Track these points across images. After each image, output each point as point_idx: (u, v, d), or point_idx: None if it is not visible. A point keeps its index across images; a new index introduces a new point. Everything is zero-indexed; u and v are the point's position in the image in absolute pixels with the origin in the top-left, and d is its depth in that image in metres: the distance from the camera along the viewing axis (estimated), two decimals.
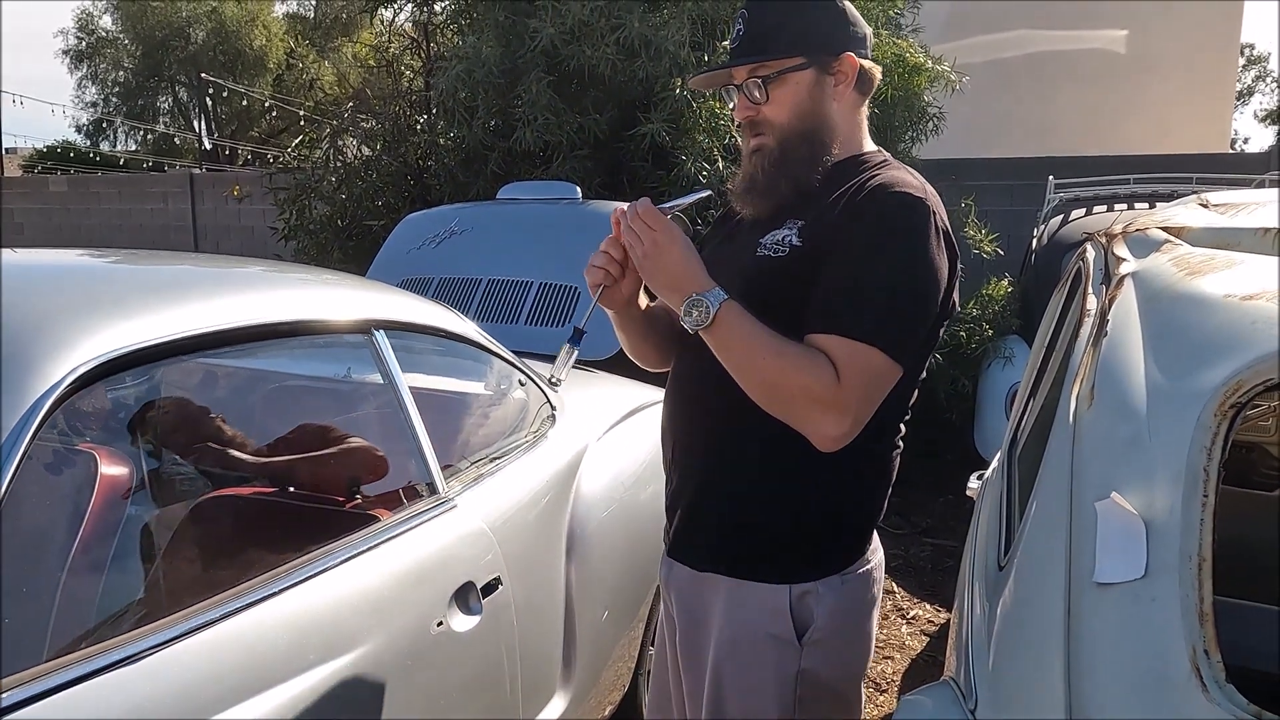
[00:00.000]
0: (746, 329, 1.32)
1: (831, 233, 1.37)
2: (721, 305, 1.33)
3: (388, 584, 1.57)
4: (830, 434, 1.31)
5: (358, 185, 5.57)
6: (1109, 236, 1.72)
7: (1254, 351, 1.01)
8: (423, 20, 6.02)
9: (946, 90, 5.17)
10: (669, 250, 1.37)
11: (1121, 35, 11.54)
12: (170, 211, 12.95)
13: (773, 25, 1.45)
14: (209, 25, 28.01)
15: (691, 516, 1.52)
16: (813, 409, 1.30)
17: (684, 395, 1.54)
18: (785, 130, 1.45)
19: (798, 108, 1.44)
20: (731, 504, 1.46)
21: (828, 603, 1.43)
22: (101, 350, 1.26)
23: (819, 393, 1.29)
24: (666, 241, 1.37)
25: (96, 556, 1.33)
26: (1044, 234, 5.22)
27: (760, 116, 1.46)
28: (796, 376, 1.29)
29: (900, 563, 4.20)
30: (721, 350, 1.35)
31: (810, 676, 1.43)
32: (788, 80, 1.43)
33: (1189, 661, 0.87)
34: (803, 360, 1.30)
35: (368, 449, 1.87)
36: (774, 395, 1.33)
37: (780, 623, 1.42)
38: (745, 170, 1.51)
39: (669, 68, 4.37)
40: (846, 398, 1.29)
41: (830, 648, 1.44)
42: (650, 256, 1.38)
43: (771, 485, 1.43)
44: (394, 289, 2.17)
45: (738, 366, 1.35)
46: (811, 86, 1.44)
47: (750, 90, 1.45)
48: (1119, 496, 1.02)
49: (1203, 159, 7.02)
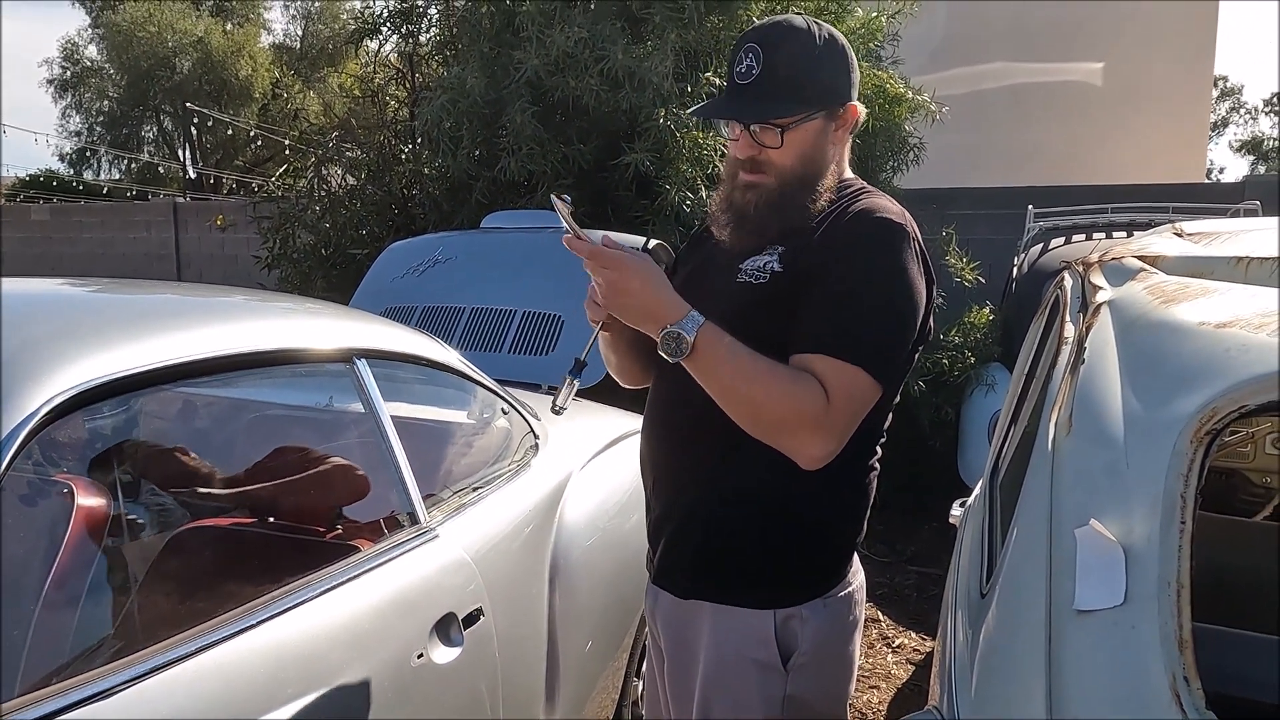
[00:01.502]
0: (728, 352, 1.31)
1: (814, 258, 1.39)
2: (699, 332, 1.31)
3: (367, 615, 1.55)
4: (816, 454, 1.32)
5: (342, 214, 5.57)
6: (1086, 265, 1.74)
7: (1228, 379, 1.02)
8: (408, 51, 6.06)
9: (927, 120, 5.23)
10: (628, 288, 1.33)
11: (1098, 68, 11.75)
12: (153, 241, 12.91)
13: (792, 75, 1.41)
14: (195, 55, 28.04)
15: (674, 544, 1.52)
16: (801, 430, 1.30)
17: (663, 422, 1.54)
18: (787, 173, 1.44)
19: (803, 154, 1.44)
20: (713, 530, 1.46)
21: (812, 626, 1.43)
22: (78, 380, 1.25)
23: (810, 414, 1.29)
24: (623, 280, 1.33)
25: (73, 588, 1.32)
26: (1024, 262, 5.27)
27: (763, 157, 1.44)
28: (787, 399, 1.29)
29: (886, 591, 4.19)
30: (705, 376, 1.33)
31: (796, 702, 1.43)
32: (801, 129, 1.42)
33: (1169, 689, 0.87)
34: (792, 382, 1.30)
35: (347, 468, 1.86)
36: (760, 417, 1.32)
37: (765, 648, 1.42)
38: (734, 201, 1.48)
39: (653, 98, 4.41)
40: (835, 418, 1.31)
41: (815, 672, 1.44)
42: (610, 298, 1.35)
43: (752, 510, 1.44)
44: (375, 317, 2.17)
45: (723, 390, 1.33)
46: (818, 134, 1.45)
47: (763, 137, 1.42)
48: (1098, 524, 1.02)
49: (1180, 189, 7.11)
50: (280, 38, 32.26)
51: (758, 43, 1.42)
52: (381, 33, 6.00)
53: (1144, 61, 11.59)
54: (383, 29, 5.92)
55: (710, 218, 1.55)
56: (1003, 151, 11.11)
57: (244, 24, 30.37)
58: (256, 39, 30.32)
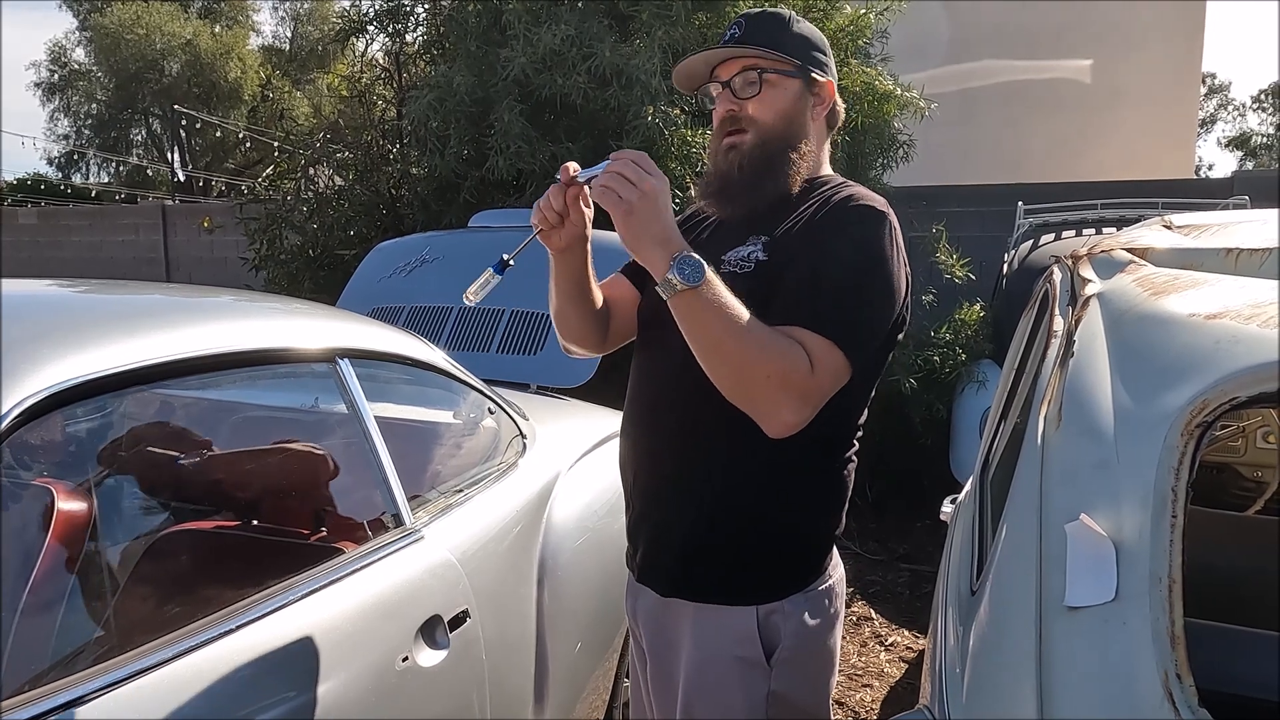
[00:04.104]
0: (728, 297, 1.27)
1: (797, 244, 1.39)
2: (707, 269, 1.27)
3: (351, 618, 1.53)
4: (790, 421, 1.30)
5: (329, 215, 5.55)
6: (1075, 258, 1.73)
7: (1218, 371, 1.01)
8: (395, 50, 6.03)
9: (916, 117, 5.23)
10: (663, 201, 1.28)
11: (1086, 65, 11.78)
12: (142, 244, 12.85)
13: (772, 31, 1.47)
14: (183, 57, 27.94)
15: (656, 542, 1.51)
16: (783, 392, 1.28)
17: (646, 423, 1.53)
18: (767, 129, 1.46)
19: (783, 112, 1.47)
20: (695, 529, 1.45)
21: (794, 621, 1.43)
22: (53, 381, 1.23)
23: (796, 379, 1.27)
24: (663, 192, 1.29)
25: (53, 593, 1.29)
26: (1015, 259, 5.27)
27: (743, 113, 1.46)
28: (779, 358, 1.27)
29: (879, 589, 4.18)
30: (703, 316, 1.26)
31: (779, 698, 1.43)
32: (779, 83, 1.46)
33: (1161, 686, 0.85)
34: (785, 341, 1.28)
35: (303, 453, 1.85)
36: (748, 371, 1.28)
37: (748, 645, 1.42)
38: (717, 169, 1.50)
39: (640, 96, 4.40)
40: (814, 388, 1.30)
41: (797, 666, 1.44)
42: (643, 206, 1.26)
43: (733, 508, 1.43)
44: (360, 317, 2.15)
45: (716, 337, 1.27)
46: (797, 98, 1.48)
47: (742, 84, 1.46)
48: (1088, 519, 1.01)
49: (1169, 185, 7.12)
50: (269, 39, 32.19)
51: (744, 15, 1.50)
52: (368, 32, 5.97)
53: (1132, 59, 11.63)
54: (369, 28, 5.90)
55: (699, 197, 1.55)
56: (992, 149, 11.14)
57: (233, 26, 30.28)
58: (245, 41, 30.23)
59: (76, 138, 30.65)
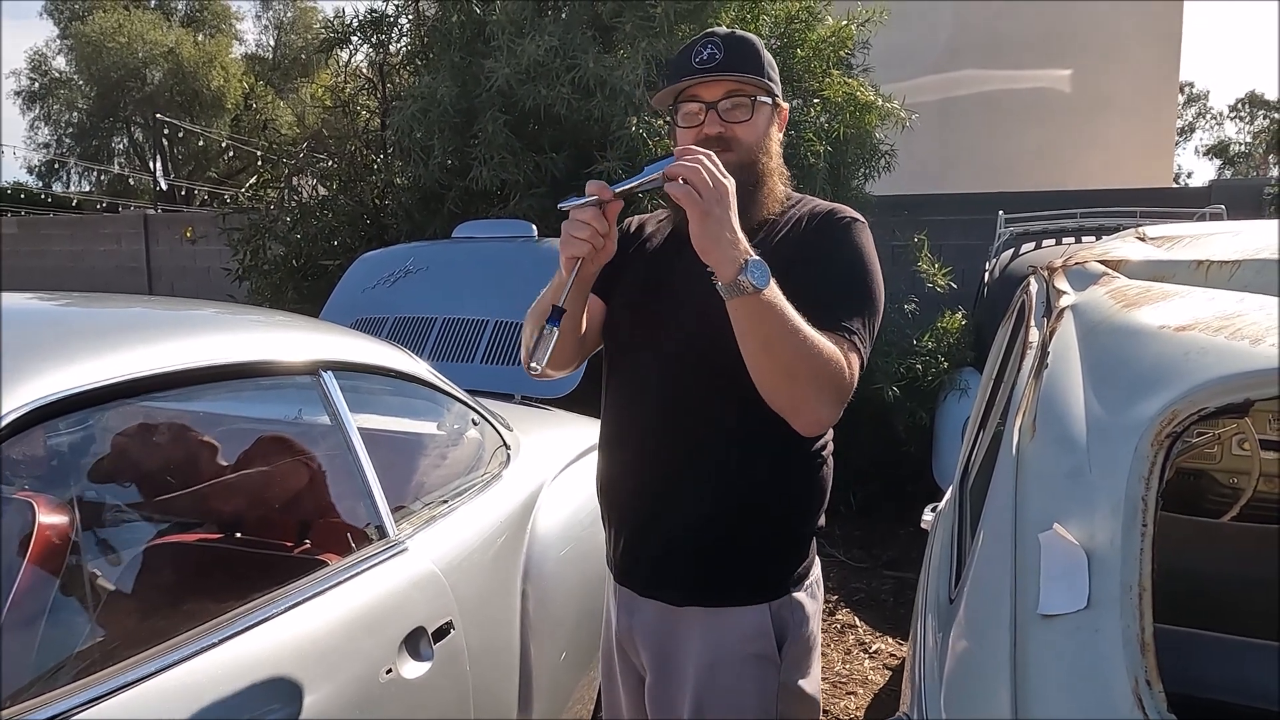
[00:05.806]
0: (785, 300, 1.28)
1: (787, 252, 1.42)
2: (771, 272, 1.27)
3: (334, 631, 1.54)
4: (825, 419, 1.36)
5: (313, 225, 5.53)
6: (1050, 269, 1.75)
7: (1188, 382, 1.03)
8: (378, 60, 6.04)
9: (897, 127, 5.27)
10: (733, 202, 1.27)
11: (1066, 75, 11.89)
12: (124, 253, 12.75)
13: (753, 57, 1.50)
14: (165, 66, 27.81)
15: (668, 555, 1.52)
16: (827, 393, 1.33)
17: (637, 443, 1.53)
18: (753, 151, 1.50)
19: (761, 136, 1.51)
20: (710, 535, 1.48)
21: (799, 612, 1.50)
22: (35, 395, 1.23)
23: (839, 380, 1.33)
24: (733, 192, 1.28)
25: (34, 607, 1.29)
26: (996, 267, 5.31)
27: (731, 134, 1.48)
28: (834, 360, 1.31)
29: (863, 596, 4.19)
30: (766, 316, 1.26)
31: (787, 689, 1.48)
32: (761, 107, 1.50)
33: (1131, 692, 0.87)
34: (831, 346, 1.32)
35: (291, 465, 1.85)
36: (802, 368, 1.29)
37: (763, 641, 1.47)
38: None
39: (624, 107, 4.42)
40: (848, 388, 1.35)
41: (799, 656, 1.50)
42: (720, 207, 1.25)
43: (746, 508, 1.47)
44: (342, 329, 2.15)
45: (774, 338, 1.27)
46: (769, 122, 1.53)
47: (731, 108, 1.48)
48: (1061, 528, 1.03)
49: (1148, 193, 7.18)
50: (253, 48, 32.08)
51: (717, 36, 1.51)
52: (352, 42, 5.97)
53: (1111, 68, 11.75)
54: (353, 38, 5.90)
55: (653, 220, 1.61)
56: (973, 158, 11.22)
57: (216, 34, 30.16)
58: (228, 49, 30.11)
59: (57, 146, 30.46)
